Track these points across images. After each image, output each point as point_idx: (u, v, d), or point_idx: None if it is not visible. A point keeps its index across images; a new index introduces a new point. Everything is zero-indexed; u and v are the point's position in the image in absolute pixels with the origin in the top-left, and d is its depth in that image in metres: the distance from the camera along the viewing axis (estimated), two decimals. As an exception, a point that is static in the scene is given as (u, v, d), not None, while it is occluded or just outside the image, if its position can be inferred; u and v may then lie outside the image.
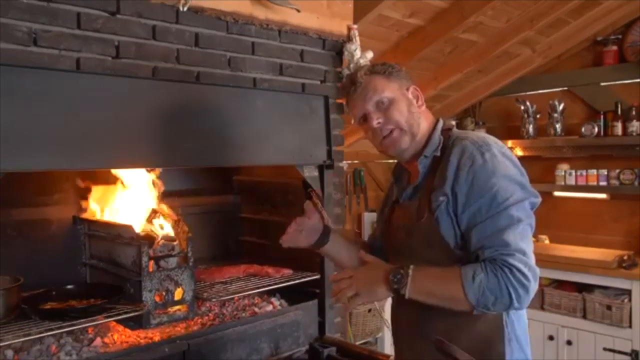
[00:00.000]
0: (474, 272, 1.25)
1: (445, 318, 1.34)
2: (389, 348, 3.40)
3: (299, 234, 1.62)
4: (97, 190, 2.10)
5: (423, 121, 1.47)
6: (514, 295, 1.23)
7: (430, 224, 1.37)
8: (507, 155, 1.36)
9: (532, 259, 1.27)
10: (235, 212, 2.64)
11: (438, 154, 1.43)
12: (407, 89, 1.47)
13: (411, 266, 1.31)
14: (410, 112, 1.44)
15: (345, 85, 1.54)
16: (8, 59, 1.46)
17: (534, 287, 1.25)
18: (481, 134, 1.44)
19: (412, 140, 1.44)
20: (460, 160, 1.34)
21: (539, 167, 4.03)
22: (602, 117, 3.75)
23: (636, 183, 3.62)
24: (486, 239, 1.28)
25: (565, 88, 4.08)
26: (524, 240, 1.27)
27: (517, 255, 1.24)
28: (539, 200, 1.34)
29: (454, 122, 1.52)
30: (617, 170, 3.70)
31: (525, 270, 1.24)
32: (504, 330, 1.35)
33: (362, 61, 2.27)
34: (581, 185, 3.85)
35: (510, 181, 1.30)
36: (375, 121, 1.43)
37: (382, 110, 1.43)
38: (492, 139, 1.40)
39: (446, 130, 1.48)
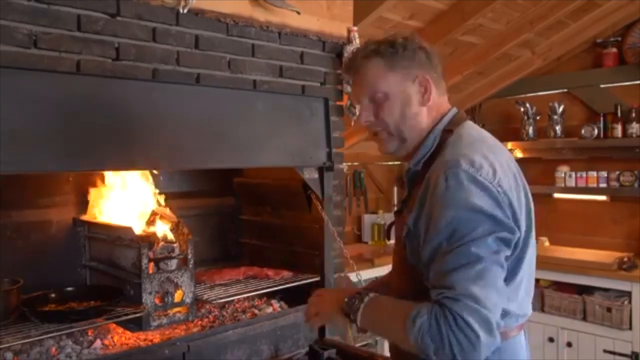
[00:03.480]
0: (418, 313, 1.07)
1: None
2: (388, 350, 3.40)
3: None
4: (97, 192, 2.10)
5: (423, 120, 1.27)
6: (455, 349, 1.02)
7: (400, 249, 1.27)
8: (480, 180, 1.12)
9: (488, 307, 1.04)
10: (235, 214, 2.63)
11: (419, 168, 1.27)
12: (414, 79, 1.26)
13: (370, 294, 1.20)
14: (403, 114, 1.26)
15: (344, 67, 1.42)
16: (8, 61, 1.46)
17: (487, 342, 1.03)
18: (470, 141, 1.22)
19: (401, 144, 1.29)
20: (426, 188, 1.17)
21: (539, 169, 4.03)
22: (602, 119, 3.75)
23: (636, 185, 3.62)
24: (436, 279, 1.10)
25: (565, 90, 4.08)
26: (478, 284, 1.05)
27: (464, 302, 1.04)
28: (514, 235, 1.13)
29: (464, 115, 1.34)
30: (617, 172, 3.70)
31: (471, 320, 1.02)
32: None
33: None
34: (581, 187, 3.85)
35: (473, 212, 1.09)
36: (364, 119, 1.29)
37: (374, 105, 1.28)
38: (477, 151, 1.17)
39: (447, 132, 1.27)
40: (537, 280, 1.85)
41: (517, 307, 1.24)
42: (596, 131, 3.71)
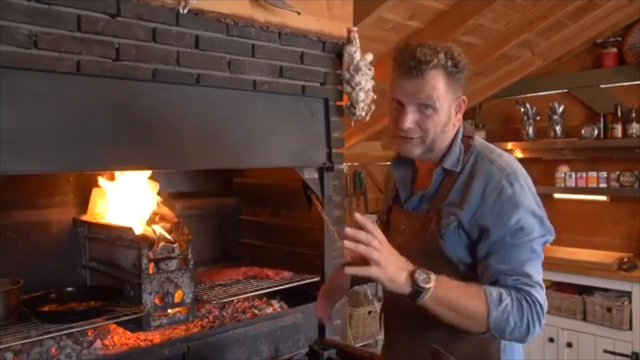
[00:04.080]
0: (501, 295, 1.20)
1: (443, 327, 1.26)
2: (382, 348, 3.40)
3: (332, 302, 1.60)
4: (97, 193, 2.10)
5: (451, 131, 1.38)
6: (531, 328, 1.21)
7: (434, 240, 1.32)
8: (530, 187, 1.32)
9: (545, 297, 1.27)
10: (235, 214, 2.64)
11: (457, 169, 1.35)
12: (457, 99, 1.37)
13: (432, 273, 1.19)
14: (443, 129, 1.34)
15: (404, 58, 1.30)
16: (8, 61, 1.46)
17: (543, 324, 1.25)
18: (506, 157, 1.36)
19: (426, 151, 1.36)
20: (487, 188, 1.29)
21: (539, 169, 4.02)
22: (602, 119, 3.75)
23: (636, 185, 3.62)
24: (509, 268, 1.25)
25: (565, 90, 4.08)
26: (541, 275, 1.27)
27: (538, 289, 1.24)
28: (552, 237, 1.31)
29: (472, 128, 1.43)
30: (617, 172, 3.69)
31: (544, 305, 1.23)
32: (501, 343, 1.33)
33: (361, 64, 2.27)
34: (581, 187, 3.84)
35: (533, 216, 1.28)
36: (409, 123, 1.30)
37: (420, 113, 1.31)
38: (518, 166, 1.34)
39: (467, 138, 1.40)
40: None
41: None
42: (596, 131, 3.71)
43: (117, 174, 2.06)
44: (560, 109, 3.93)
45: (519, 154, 4.06)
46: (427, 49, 1.31)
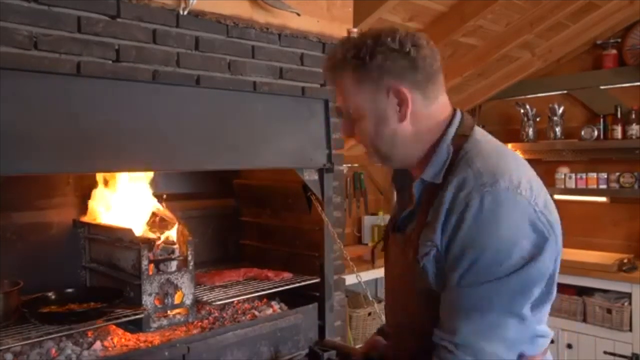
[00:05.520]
0: None
1: None
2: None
3: None
4: (97, 194, 2.10)
5: (408, 137, 1.10)
6: None
7: (415, 270, 1.07)
8: (529, 186, 1.02)
9: None
10: (235, 216, 2.63)
11: (438, 181, 1.07)
12: (388, 92, 1.07)
13: None
14: (378, 133, 1.09)
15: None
16: (8, 62, 1.46)
17: None
18: (495, 159, 1.06)
19: (386, 160, 1.15)
20: (455, 199, 1.00)
21: (539, 171, 3.93)
22: (601, 120, 3.75)
23: (636, 186, 3.62)
24: (444, 315, 1.01)
25: (565, 91, 4.08)
26: (488, 336, 0.96)
27: (458, 355, 0.96)
28: (555, 265, 1.11)
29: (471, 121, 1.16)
30: (617, 174, 3.70)
31: None
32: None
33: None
34: (581, 189, 3.85)
35: (512, 242, 0.97)
36: (342, 134, 1.15)
37: (347, 121, 1.13)
38: (510, 165, 1.05)
39: (460, 138, 1.10)
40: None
41: (545, 328, 1.15)
42: (596, 132, 3.71)
43: (117, 175, 2.06)
44: (560, 110, 3.93)
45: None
46: (332, 49, 1.12)
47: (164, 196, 2.13)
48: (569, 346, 3.56)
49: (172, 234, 1.98)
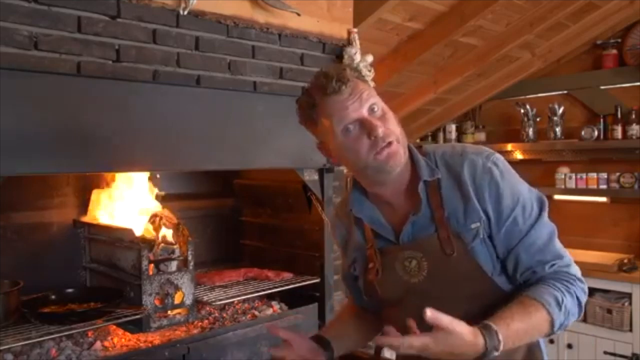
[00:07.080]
0: (556, 298, 1.14)
1: None
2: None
3: None
4: (97, 194, 2.10)
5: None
6: (582, 307, 1.19)
7: (465, 258, 1.21)
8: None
9: None
10: (235, 216, 2.64)
11: (437, 176, 1.24)
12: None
13: (487, 323, 1.07)
14: (399, 125, 1.23)
15: (320, 84, 1.23)
16: (9, 62, 1.46)
17: None
18: (468, 145, 1.31)
19: (404, 155, 1.22)
20: (475, 177, 1.21)
21: (539, 171, 4.03)
22: (602, 120, 3.75)
23: (636, 186, 3.61)
24: (539, 254, 1.20)
25: (565, 91, 4.08)
26: (561, 245, 1.25)
27: (572, 265, 1.22)
28: (545, 199, 1.27)
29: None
30: (617, 174, 3.69)
31: (581, 276, 1.21)
32: (542, 347, 1.32)
33: (361, 65, 2.27)
34: (581, 189, 3.84)
35: (523, 185, 1.24)
36: (381, 128, 1.15)
37: (373, 115, 1.19)
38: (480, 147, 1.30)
39: (418, 148, 1.30)
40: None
41: None
42: (596, 133, 3.71)
43: (117, 175, 2.06)
44: (560, 110, 3.93)
45: (519, 156, 4.07)
46: (331, 67, 1.40)
47: (164, 196, 2.14)
48: (569, 346, 3.55)
49: (172, 234, 1.98)
